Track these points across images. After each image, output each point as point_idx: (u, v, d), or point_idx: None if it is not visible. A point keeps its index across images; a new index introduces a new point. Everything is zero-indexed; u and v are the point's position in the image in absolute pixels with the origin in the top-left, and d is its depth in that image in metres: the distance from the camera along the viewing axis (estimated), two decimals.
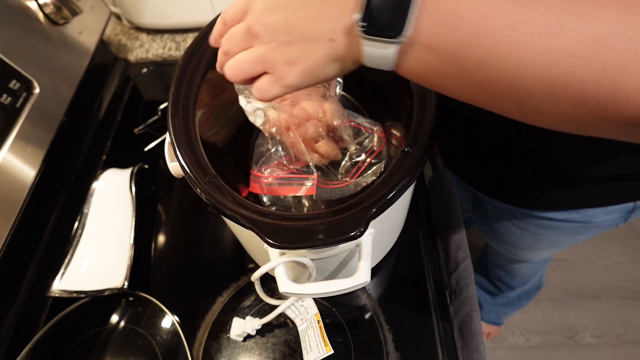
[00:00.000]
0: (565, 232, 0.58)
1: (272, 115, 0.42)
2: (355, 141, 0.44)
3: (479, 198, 0.64)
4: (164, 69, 0.81)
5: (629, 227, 1.40)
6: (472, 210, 0.73)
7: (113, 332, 0.50)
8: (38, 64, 0.56)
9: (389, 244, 0.51)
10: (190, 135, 0.37)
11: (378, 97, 0.48)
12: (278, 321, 0.49)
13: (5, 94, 0.50)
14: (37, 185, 0.53)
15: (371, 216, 0.31)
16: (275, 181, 0.43)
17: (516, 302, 1.03)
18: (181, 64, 0.41)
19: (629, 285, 1.29)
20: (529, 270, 0.87)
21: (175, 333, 0.49)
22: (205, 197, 0.33)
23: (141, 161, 0.64)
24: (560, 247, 0.65)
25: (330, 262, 0.40)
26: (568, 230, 0.57)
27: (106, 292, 0.50)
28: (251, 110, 0.42)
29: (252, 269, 0.53)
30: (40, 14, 0.60)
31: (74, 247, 0.55)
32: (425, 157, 0.34)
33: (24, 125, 0.52)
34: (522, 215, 0.58)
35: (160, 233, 0.59)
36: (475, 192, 0.63)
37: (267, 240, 0.30)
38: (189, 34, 0.84)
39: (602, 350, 1.18)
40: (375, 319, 0.48)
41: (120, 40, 0.85)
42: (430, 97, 0.37)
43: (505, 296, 1.00)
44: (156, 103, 0.72)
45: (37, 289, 0.54)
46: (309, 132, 0.42)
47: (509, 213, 0.60)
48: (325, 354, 0.44)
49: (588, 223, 0.55)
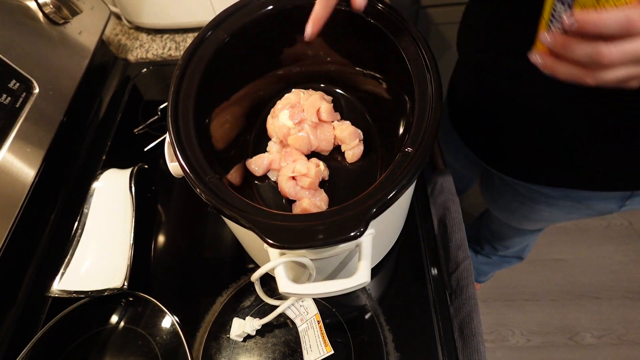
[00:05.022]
0: (561, 209, 0.61)
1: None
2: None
3: (488, 170, 0.67)
4: (163, 69, 0.81)
5: (629, 227, 1.40)
6: (481, 181, 0.77)
7: (113, 332, 0.50)
8: (38, 64, 0.56)
9: (389, 244, 0.51)
10: (190, 135, 0.37)
11: (378, 97, 0.48)
12: (278, 321, 0.48)
13: (5, 93, 0.50)
14: (37, 185, 0.53)
15: (371, 216, 0.31)
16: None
17: (496, 263, 1.10)
18: (181, 64, 0.41)
19: (630, 286, 1.29)
20: (516, 237, 0.92)
21: (175, 333, 0.49)
22: (205, 197, 0.33)
23: (141, 161, 0.64)
24: (553, 222, 0.70)
25: (330, 262, 0.40)
26: (563, 209, 0.60)
27: (106, 292, 0.50)
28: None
29: (252, 269, 0.53)
30: (40, 13, 0.60)
31: (73, 247, 0.54)
32: (425, 157, 0.34)
33: (24, 125, 0.52)
34: (524, 190, 0.61)
35: (160, 233, 0.59)
36: (485, 167, 0.66)
37: (267, 240, 0.30)
38: (189, 34, 0.84)
39: (602, 350, 1.18)
40: (375, 319, 0.48)
41: (120, 40, 0.85)
42: (430, 97, 0.37)
43: (486, 255, 1.07)
44: (156, 103, 0.72)
45: (36, 289, 0.54)
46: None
47: (513, 187, 0.63)
48: (325, 354, 0.44)
49: (582, 204, 0.57)
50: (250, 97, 0.50)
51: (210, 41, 0.42)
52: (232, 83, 0.47)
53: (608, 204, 0.56)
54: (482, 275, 1.21)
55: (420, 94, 0.37)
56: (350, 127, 0.48)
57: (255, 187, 0.47)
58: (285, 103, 0.48)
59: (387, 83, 0.46)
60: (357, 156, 0.47)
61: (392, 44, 0.41)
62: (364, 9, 0.40)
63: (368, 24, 0.43)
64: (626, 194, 0.53)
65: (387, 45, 0.41)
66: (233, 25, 0.43)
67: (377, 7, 0.43)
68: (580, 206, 0.58)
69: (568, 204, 0.59)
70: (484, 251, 1.08)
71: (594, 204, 0.57)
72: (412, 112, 0.37)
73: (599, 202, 0.56)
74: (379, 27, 0.42)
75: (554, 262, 1.35)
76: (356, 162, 0.48)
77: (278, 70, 0.51)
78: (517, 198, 0.65)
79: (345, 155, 0.48)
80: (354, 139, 0.47)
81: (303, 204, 0.43)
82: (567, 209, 0.60)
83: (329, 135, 0.48)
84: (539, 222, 0.72)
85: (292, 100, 0.48)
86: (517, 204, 0.67)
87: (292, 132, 0.47)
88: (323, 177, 0.46)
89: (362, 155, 0.48)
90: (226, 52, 0.43)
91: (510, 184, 0.63)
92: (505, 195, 0.68)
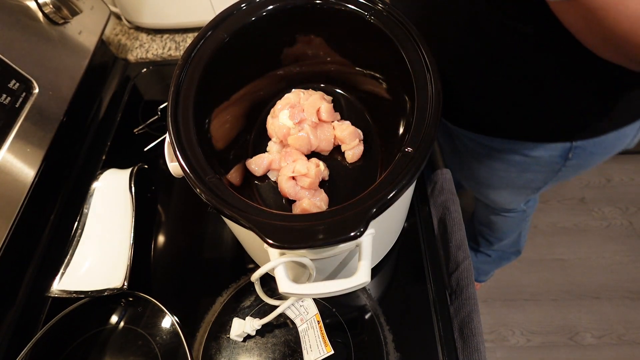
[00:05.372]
0: (513, 166, 0.63)
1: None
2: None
3: (453, 140, 0.71)
4: (163, 69, 0.81)
5: (629, 227, 1.40)
6: (451, 154, 0.79)
7: (113, 333, 0.50)
8: (37, 64, 0.56)
9: (389, 244, 0.51)
10: (190, 135, 0.37)
11: (378, 97, 0.48)
12: (278, 321, 0.48)
13: (5, 93, 0.50)
14: (37, 185, 0.53)
15: (371, 216, 0.31)
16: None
17: (496, 261, 1.14)
18: (181, 64, 0.41)
19: (630, 286, 1.29)
20: (505, 225, 0.96)
21: (175, 333, 0.48)
22: (205, 197, 0.33)
23: (141, 161, 0.64)
24: (513, 185, 0.71)
25: (330, 262, 0.40)
26: (516, 166, 0.63)
27: (106, 292, 0.50)
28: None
29: (252, 269, 0.53)
30: (40, 13, 0.60)
31: (73, 247, 0.54)
32: (425, 157, 0.34)
33: (24, 125, 0.52)
34: (480, 148, 0.64)
35: (160, 233, 0.59)
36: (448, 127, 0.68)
37: (267, 240, 0.30)
38: (189, 34, 0.84)
39: (602, 350, 1.18)
40: (375, 319, 0.48)
41: (120, 40, 0.85)
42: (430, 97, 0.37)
43: (485, 254, 1.11)
44: (156, 103, 0.72)
45: (36, 289, 0.54)
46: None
47: (471, 148, 0.66)
48: (325, 354, 0.44)
49: (530, 158, 0.60)
50: (250, 97, 0.50)
51: (210, 41, 0.42)
52: (232, 83, 0.47)
53: (553, 158, 0.58)
54: (483, 274, 1.22)
55: (420, 94, 0.37)
56: (350, 127, 0.48)
57: (255, 187, 0.47)
58: (285, 103, 0.48)
59: (387, 83, 0.46)
60: (357, 156, 0.47)
61: (392, 44, 0.41)
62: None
63: (368, 24, 0.43)
64: (566, 146, 0.55)
65: (387, 45, 0.41)
66: (233, 25, 0.43)
67: (377, 7, 0.43)
68: (529, 161, 0.60)
69: (517, 159, 0.61)
70: (481, 248, 1.10)
71: (540, 157, 0.59)
72: (412, 112, 0.37)
73: (544, 154, 0.58)
74: (379, 27, 0.42)
75: (554, 262, 1.35)
76: (356, 162, 0.48)
77: (278, 70, 0.51)
78: (475, 157, 0.67)
79: (345, 155, 0.48)
80: (354, 139, 0.47)
81: (303, 204, 0.43)
82: (519, 165, 0.62)
83: (329, 135, 0.48)
84: (502, 190, 0.74)
85: (292, 100, 0.48)
86: (476, 165, 0.69)
87: (292, 132, 0.47)
88: (323, 177, 0.46)
89: (362, 155, 0.48)
90: (226, 52, 0.43)
91: (467, 143, 0.66)
92: (466, 157, 0.70)
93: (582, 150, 0.56)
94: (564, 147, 0.56)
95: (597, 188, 1.50)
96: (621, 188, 1.50)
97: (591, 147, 0.55)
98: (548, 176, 0.64)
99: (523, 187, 0.71)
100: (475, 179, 0.75)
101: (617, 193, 1.49)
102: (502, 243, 1.05)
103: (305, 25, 0.47)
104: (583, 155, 0.57)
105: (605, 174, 1.53)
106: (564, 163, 0.59)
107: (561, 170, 0.61)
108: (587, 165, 0.61)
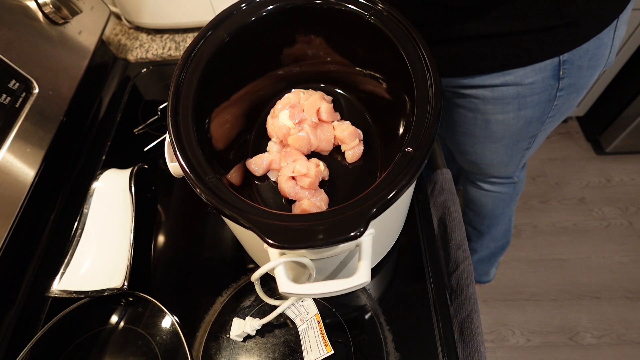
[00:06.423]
0: (509, 104, 0.62)
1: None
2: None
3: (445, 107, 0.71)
4: (163, 69, 0.81)
5: (629, 227, 1.40)
6: (443, 125, 0.78)
7: (113, 333, 0.50)
8: (37, 64, 0.56)
9: (389, 244, 0.51)
10: (190, 135, 0.37)
11: (378, 97, 0.48)
12: (278, 321, 0.48)
13: (5, 93, 0.50)
14: (37, 185, 0.53)
15: (371, 216, 0.31)
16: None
17: (491, 258, 1.16)
18: (181, 64, 0.41)
19: (630, 286, 1.29)
20: (494, 206, 0.96)
21: (175, 333, 0.49)
22: (205, 197, 0.33)
23: (141, 161, 0.64)
24: (511, 132, 0.69)
25: (330, 262, 0.40)
26: (511, 103, 0.62)
27: (106, 292, 0.50)
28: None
29: (252, 269, 0.53)
30: (40, 13, 0.60)
31: (73, 247, 0.54)
32: (425, 157, 0.34)
33: (24, 125, 0.52)
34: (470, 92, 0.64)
35: (160, 233, 0.59)
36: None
37: (267, 240, 0.30)
38: (189, 34, 0.84)
39: (602, 350, 1.18)
40: (375, 319, 0.48)
41: (120, 40, 0.85)
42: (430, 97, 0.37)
43: (478, 253, 1.14)
44: (156, 103, 0.72)
45: (36, 289, 0.54)
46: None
47: (462, 104, 0.67)
48: (325, 354, 0.44)
49: (524, 87, 0.59)
50: (250, 97, 0.50)
51: (210, 41, 0.42)
52: (232, 83, 0.47)
53: (547, 80, 0.58)
54: (484, 275, 1.22)
55: (420, 94, 0.37)
56: (350, 127, 0.48)
57: (255, 187, 0.47)
58: (285, 103, 0.48)
59: (387, 83, 0.46)
60: (357, 156, 0.47)
61: (392, 44, 0.41)
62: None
63: (368, 24, 0.43)
64: (555, 62, 0.56)
65: (387, 45, 0.41)
66: (233, 25, 0.43)
67: (377, 7, 0.43)
68: (524, 91, 0.60)
69: (512, 92, 0.60)
70: (472, 243, 1.11)
71: (534, 82, 0.59)
72: (412, 112, 0.37)
73: (537, 78, 0.58)
74: (379, 27, 0.42)
75: (554, 262, 1.35)
76: (356, 162, 0.48)
77: (278, 70, 0.51)
78: (470, 110, 0.67)
79: (345, 155, 0.48)
80: (354, 139, 0.47)
81: (303, 204, 0.43)
82: (515, 100, 0.62)
83: (329, 135, 0.48)
84: (499, 143, 0.72)
85: (292, 100, 0.48)
86: (471, 115, 0.68)
87: (292, 132, 0.47)
88: (323, 177, 0.46)
89: (362, 155, 0.48)
90: (226, 52, 0.43)
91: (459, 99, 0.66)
92: (459, 113, 0.70)
93: (571, 64, 0.57)
94: (553, 63, 0.56)
95: (597, 188, 1.51)
96: (621, 188, 1.50)
97: (578, 60, 0.56)
98: (545, 108, 0.64)
99: (521, 133, 0.69)
100: (472, 136, 0.73)
101: (617, 193, 1.49)
102: (492, 233, 1.05)
103: (305, 25, 0.47)
104: (573, 71, 0.58)
105: (605, 174, 1.53)
106: (558, 86, 0.59)
107: (557, 97, 0.61)
108: (580, 85, 0.61)
